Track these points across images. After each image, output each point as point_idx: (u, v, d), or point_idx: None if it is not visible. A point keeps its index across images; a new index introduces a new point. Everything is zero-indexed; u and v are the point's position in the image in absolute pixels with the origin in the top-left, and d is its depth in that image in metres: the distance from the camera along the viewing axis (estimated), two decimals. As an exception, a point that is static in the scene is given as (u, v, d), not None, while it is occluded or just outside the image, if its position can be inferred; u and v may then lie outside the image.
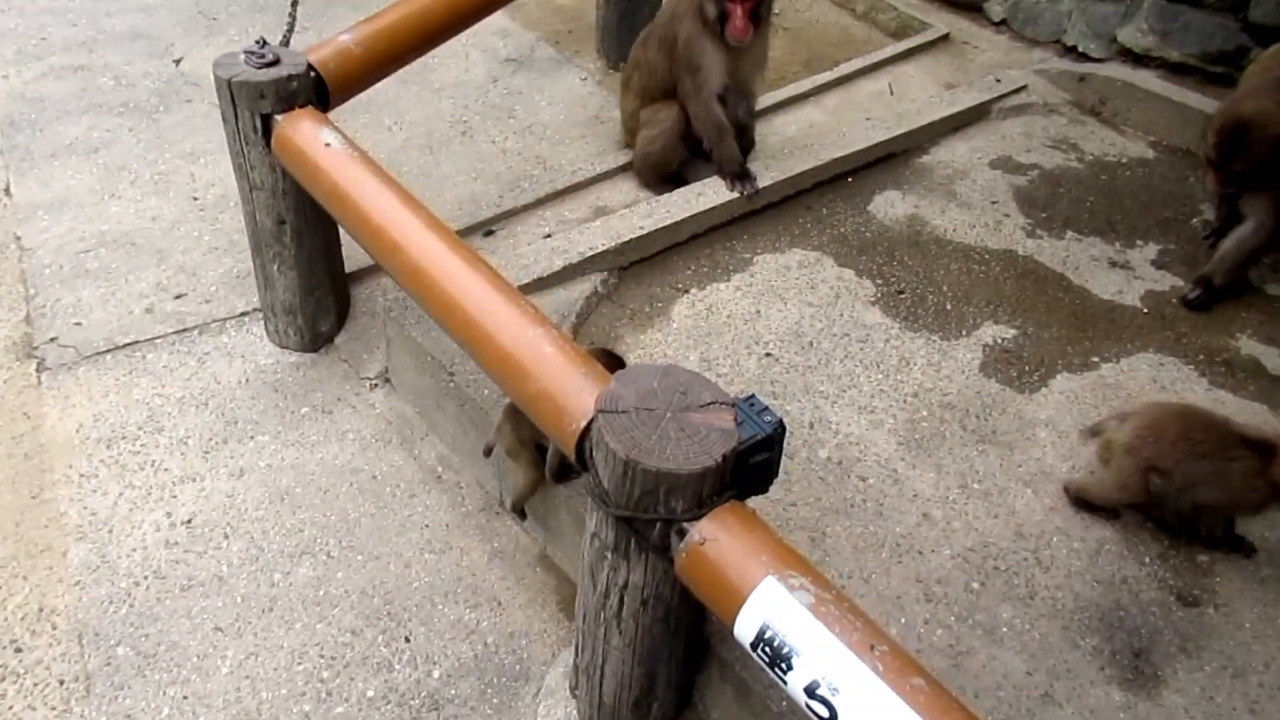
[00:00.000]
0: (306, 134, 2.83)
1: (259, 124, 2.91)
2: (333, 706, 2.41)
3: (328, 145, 2.77)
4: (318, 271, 3.21)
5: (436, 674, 2.49)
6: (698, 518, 1.84)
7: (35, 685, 2.40)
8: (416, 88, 4.86)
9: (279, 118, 2.90)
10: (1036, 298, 3.56)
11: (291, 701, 2.41)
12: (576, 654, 2.31)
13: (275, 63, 2.92)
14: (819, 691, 1.64)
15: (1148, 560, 2.68)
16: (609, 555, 1.99)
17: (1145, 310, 3.56)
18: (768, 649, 1.71)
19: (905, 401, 3.07)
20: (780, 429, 2.04)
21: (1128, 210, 4.12)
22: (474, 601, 2.66)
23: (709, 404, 1.92)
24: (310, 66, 2.98)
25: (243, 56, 2.93)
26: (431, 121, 4.62)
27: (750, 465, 2.00)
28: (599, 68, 5.10)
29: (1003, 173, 4.29)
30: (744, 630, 1.75)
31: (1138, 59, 4.99)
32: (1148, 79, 4.76)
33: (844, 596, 1.75)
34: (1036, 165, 4.36)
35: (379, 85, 3.48)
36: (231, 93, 2.88)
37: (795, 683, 1.68)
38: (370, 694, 2.44)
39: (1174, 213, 4.13)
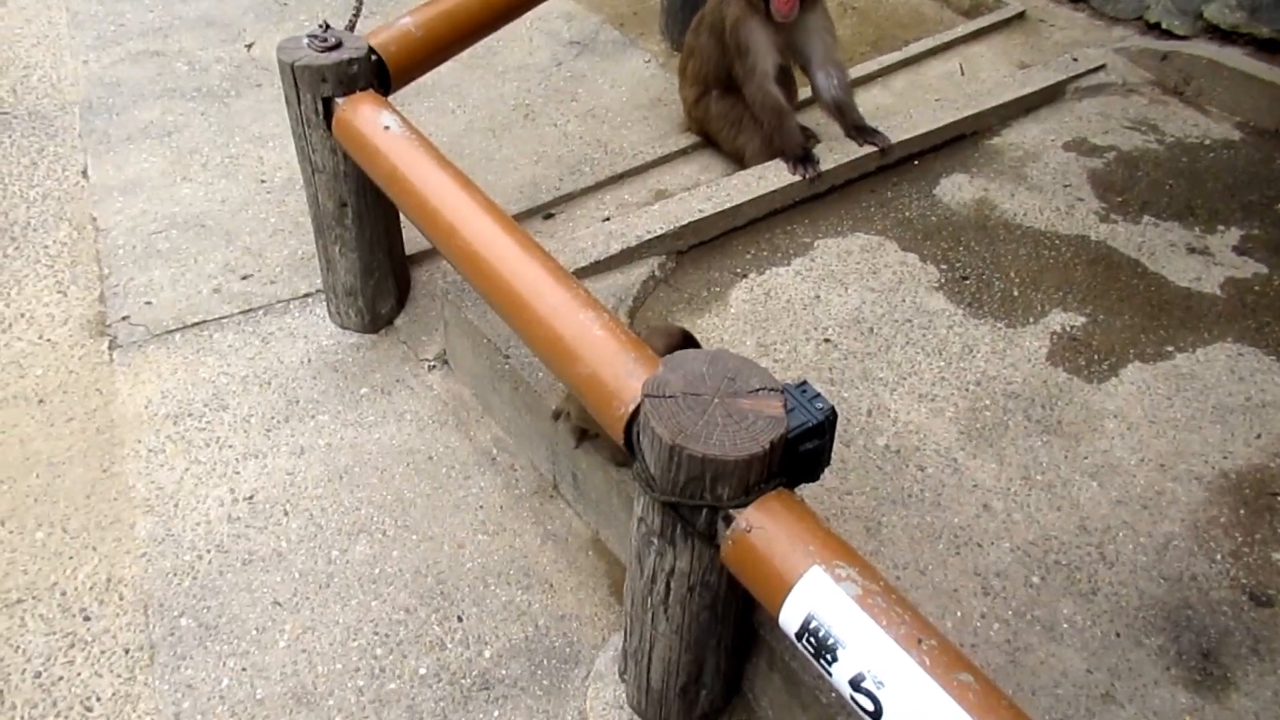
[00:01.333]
0: (366, 117, 2.85)
1: (320, 107, 2.94)
2: (385, 683, 2.44)
3: (386, 129, 2.79)
4: (378, 254, 3.24)
5: (488, 654, 2.51)
6: (744, 505, 1.81)
7: (102, 653, 2.47)
8: (480, 71, 4.88)
9: (340, 101, 2.93)
10: (1109, 284, 3.45)
11: (346, 676, 2.45)
12: (625, 639, 2.30)
13: (337, 46, 2.95)
14: (864, 685, 1.61)
15: (1219, 557, 2.59)
16: (655, 541, 1.98)
17: (1225, 298, 3.43)
18: (813, 640, 1.68)
19: (967, 390, 3.00)
20: (832, 416, 2.00)
21: (1209, 194, 3.96)
22: (526, 584, 2.67)
23: (757, 390, 1.90)
24: (371, 50, 3.00)
25: (305, 40, 2.96)
26: (494, 105, 4.63)
27: (800, 453, 1.97)
28: (662, 50, 5.07)
29: (1077, 155, 4.16)
30: (789, 620, 1.73)
31: (1224, 36, 4.81)
32: (1235, 56, 4.58)
33: (892, 589, 1.71)
34: (1113, 147, 4.22)
35: (443, 69, 3.52)
36: (294, 76, 2.91)
37: (840, 675, 1.65)
38: (422, 671, 2.47)
39: (1259, 196, 3.97)
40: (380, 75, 3.04)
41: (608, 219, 3.65)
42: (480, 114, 4.57)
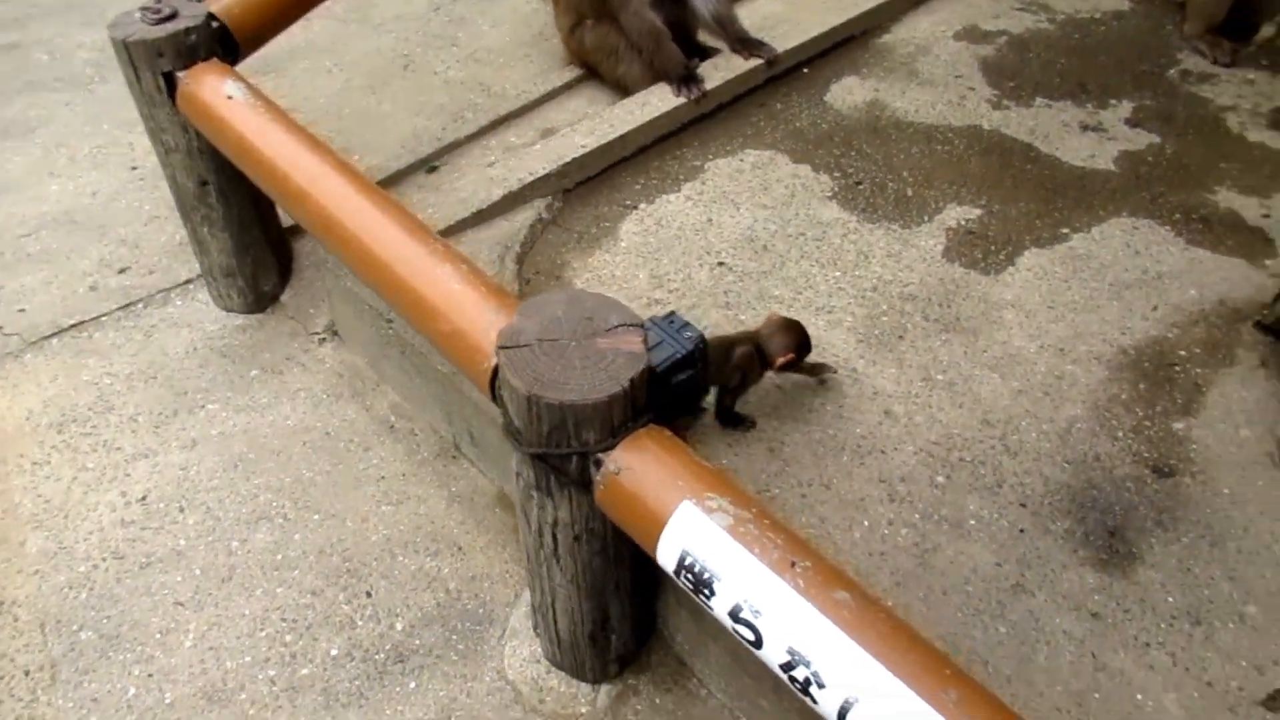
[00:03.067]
0: (210, 89, 2.71)
1: (162, 83, 2.79)
2: (298, 669, 2.39)
3: (230, 98, 2.65)
4: (251, 230, 3.12)
5: (400, 626, 2.46)
6: (611, 447, 1.76)
7: (0, 679, 2.39)
8: (356, 25, 4.70)
9: (182, 75, 2.78)
10: (1003, 173, 3.40)
11: (256, 668, 2.39)
12: (531, 594, 2.26)
13: (173, 16, 2.80)
14: (742, 615, 1.58)
15: (1121, 435, 2.58)
16: (535, 494, 1.93)
17: (1119, 173, 3.40)
18: (690, 575, 1.64)
19: (864, 297, 2.96)
20: (701, 345, 1.95)
21: (1101, 69, 3.92)
22: (434, 549, 2.61)
23: (616, 327, 1.83)
24: (212, 17, 2.85)
25: (138, 13, 2.80)
26: (373, 59, 4.46)
27: (674, 385, 1.91)
28: (541, -18, 4.90)
29: (968, 44, 4.09)
30: (665, 557, 1.69)
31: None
32: (1116, -75, 4.50)
33: (766, 513, 1.67)
34: (1004, 32, 4.16)
35: (316, 26, 3.37)
36: (129, 53, 2.76)
37: (720, 608, 1.62)
38: (334, 653, 2.42)
39: (1150, 66, 3.94)
40: (225, 43, 2.89)
41: (492, 164, 3.53)
42: (359, 70, 4.40)
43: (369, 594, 2.52)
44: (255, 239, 3.13)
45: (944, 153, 3.50)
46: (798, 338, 2.52)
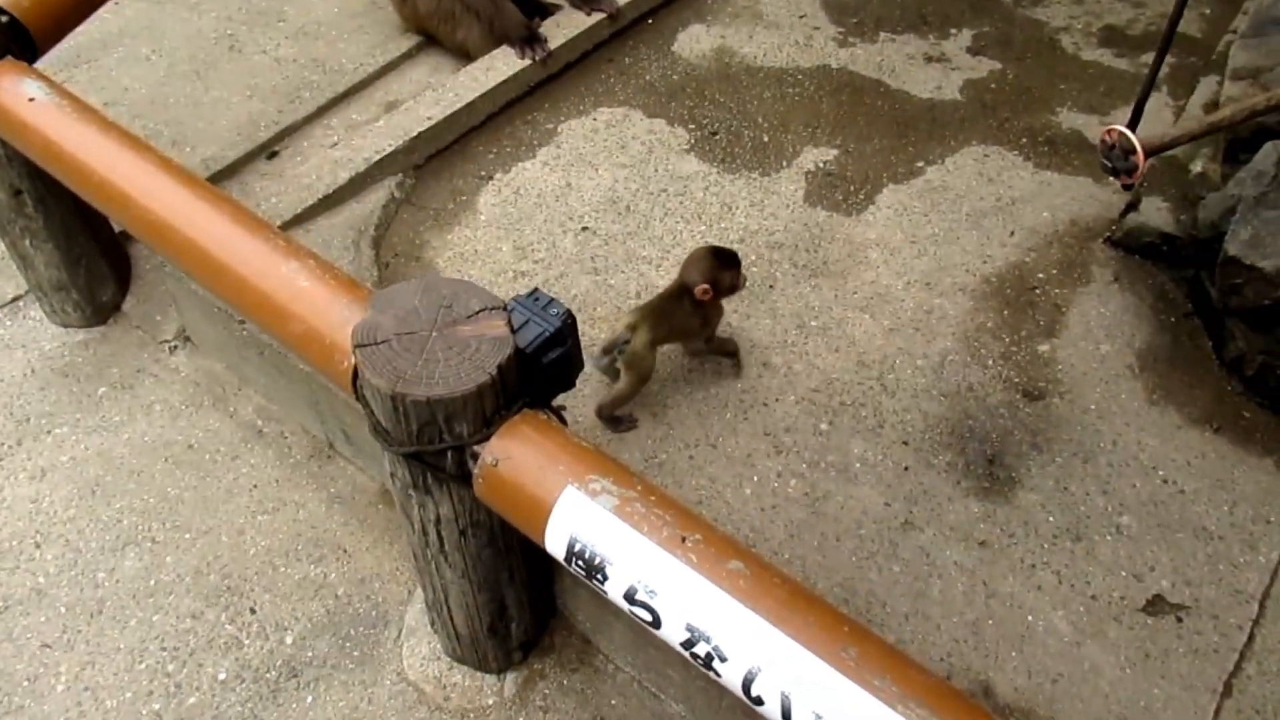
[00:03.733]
0: (6, 92, 2.47)
1: (-47, 88, 2.54)
2: (184, 699, 2.26)
3: (32, 100, 2.43)
4: (78, 238, 2.89)
5: (290, 639, 2.35)
6: (487, 438, 1.69)
7: None
8: (172, 6, 4.39)
9: (-27, 77, 2.53)
10: (855, 111, 3.42)
11: (139, 703, 2.25)
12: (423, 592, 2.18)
13: (-47, 14, 2.54)
14: (638, 597, 1.54)
15: (991, 362, 2.64)
16: (413, 493, 1.84)
17: (965, 101, 3.46)
18: (581, 562, 1.60)
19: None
20: (569, 320, 1.88)
21: (939, -1, 3.96)
22: (318, 555, 2.50)
23: (478, 312, 1.75)
24: (1, 11, 2.60)
25: (-85, 15, 2.53)
26: (194, 42, 4.18)
27: (546, 365, 1.85)
28: (370, -53, 4.67)
29: (809, -18, 4.07)
30: (555, 546, 1.63)
31: None
32: None
33: (651, 488, 1.63)
34: (842, -32, 4.16)
35: (130, 11, 3.12)
36: (-90, 58, 2.50)
37: (614, 591, 1.57)
38: (222, 676, 2.29)
39: (985, -8, 3.99)
40: (20, 38, 2.64)
41: (336, 145, 3.36)
42: (180, 55, 4.12)
43: (253, 610, 2.40)
44: (85, 247, 2.91)
45: (796, 95, 3.49)
46: (712, 264, 2.44)
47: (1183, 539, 2.30)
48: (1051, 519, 2.33)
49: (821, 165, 3.20)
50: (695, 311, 2.47)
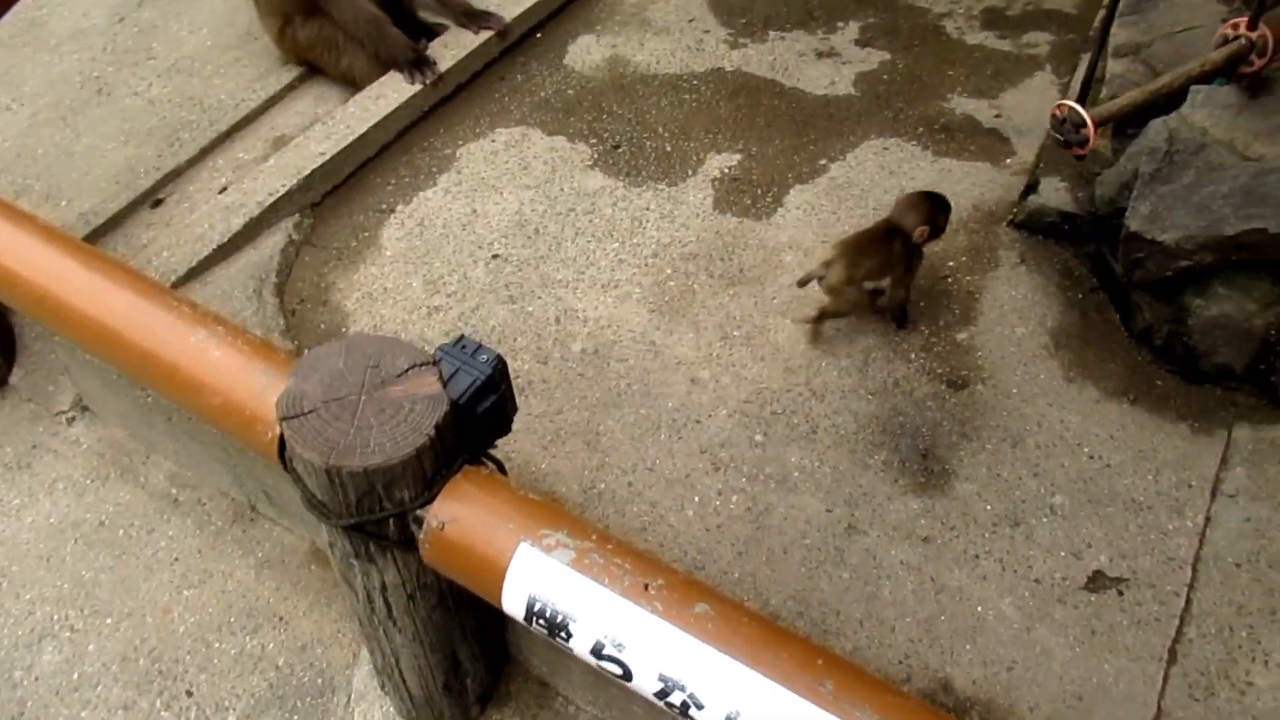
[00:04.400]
0: None
1: None
2: (124, 797, 2.14)
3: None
4: (-47, 313, 2.72)
5: (233, 719, 2.25)
6: (430, 501, 1.63)
7: None
8: (29, 49, 4.16)
9: None
10: (753, 113, 3.42)
11: (75, 808, 2.13)
12: (371, 657, 2.11)
13: None
14: (606, 651, 1.50)
15: (913, 356, 2.67)
16: (355, 562, 1.77)
17: (859, 95, 3.49)
18: (542, 621, 1.55)
19: (647, 265, 2.91)
20: (500, 365, 1.83)
21: (822, -7, 3.99)
22: (252, 626, 2.39)
23: (407, 370, 1.68)
24: None
25: None
26: (58, 87, 3.96)
27: (481, 414, 1.79)
28: (241, -24, 4.49)
29: (693, -15, 4.06)
30: (513, 607, 1.59)
31: None
32: None
33: (608, 537, 1.59)
34: (724, -33, 4.15)
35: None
36: None
37: (580, 648, 1.53)
38: (163, 767, 2.18)
39: (866, -17, 4.03)
40: None
41: (224, 189, 3.22)
42: (44, 101, 3.90)
43: (189, 693, 2.29)
44: (-39, 322, 2.74)
45: (693, 101, 3.48)
46: (929, 207, 2.59)
47: (1114, 512, 2.36)
48: (989, 507, 2.37)
49: (726, 171, 3.20)
50: (904, 254, 2.59)
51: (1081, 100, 2.70)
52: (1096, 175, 2.87)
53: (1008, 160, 3.18)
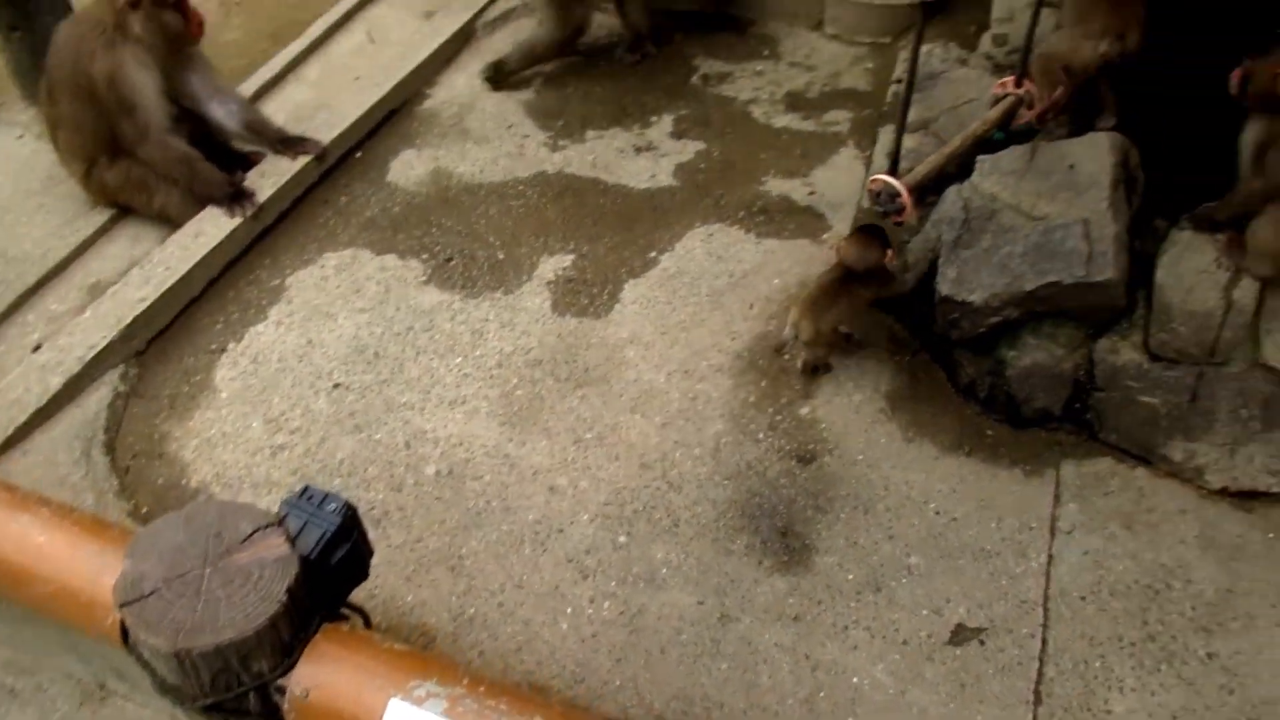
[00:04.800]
0: None
1: None
2: None
3: None
4: None
5: None
6: (291, 668, 1.57)
7: None
8: None
9: None
10: (580, 213, 3.50)
11: None
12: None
13: None
14: (489, 799, 1.47)
15: (761, 436, 2.75)
16: (216, 742, 1.68)
17: (680, 185, 3.61)
18: (421, 777, 1.50)
19: (493, 377, 2.92)
20: (350, 513, 1.79)
21: (633, 90, 4.14)
22: (111, 816, 2.23)
23: (252, 534, 1.63)
24: None
25: None
26: None
27: (334, 566, 1.74)
28: (34, 117, 4.32)
29: (508, 92, 4.15)
30: (389, 767, 1.53)
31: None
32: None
33: (479, 679, 1.56)
34: (537, 73, 4.26)
35: None
36: None
37: (462, 799, 1.49)
38: None
39: (674, 77, 4.21)
40: None
41: (39, 346, 3.06)
42: None
43: None
44: None
45: (520, 207, 3.53)
46: (876, 240, 2.80)
47: (965, 564, 2.48)
48: (850, 576, 2.44)
49: (561, 272, 3.25)
50: (880, 280, 2.86)
51: (892, 172, 2.89)
52: (906, 243, 3.06)
53: (825, 235, 3.34)
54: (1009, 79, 3.03)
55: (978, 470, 2.69)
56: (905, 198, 2.81)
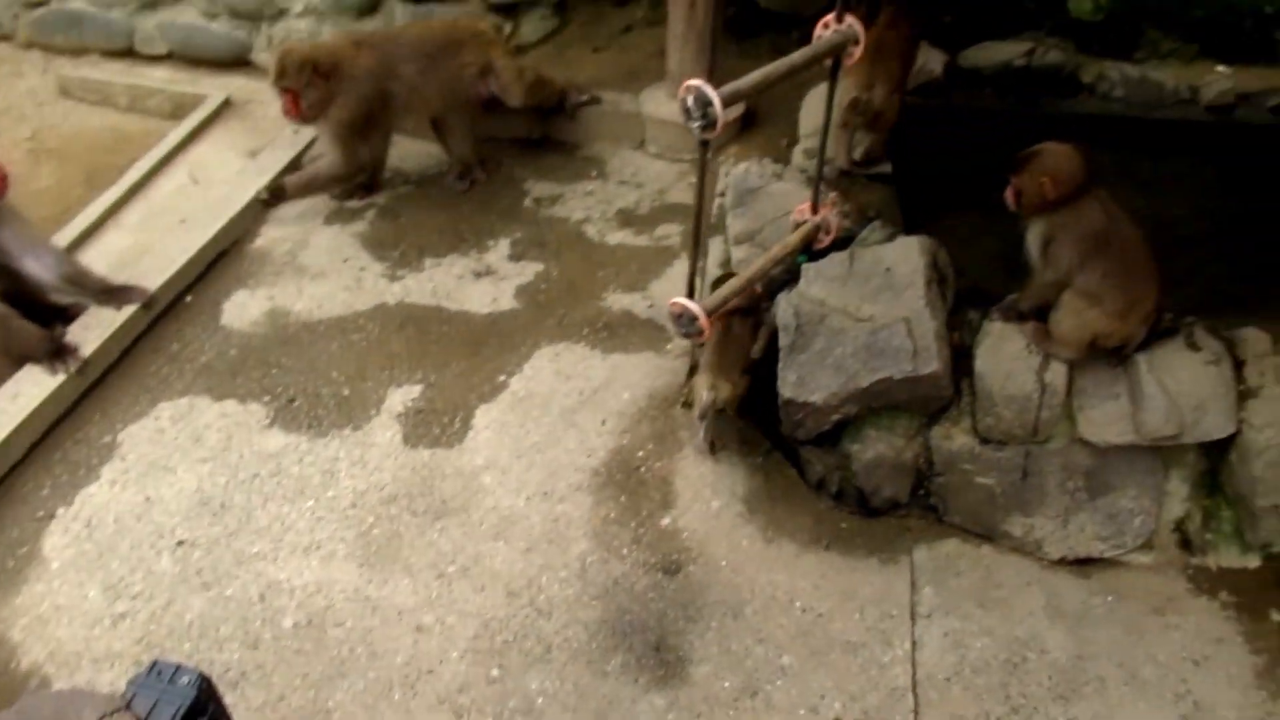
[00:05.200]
0: None
1: None
2: None
3: None
4: None
5: None
6: None
7: None
8: None
9: None
10: (425, 342, 3.49)
11: None
12: None
13: None
14: None
15: (625, 551, 2.76)
16: None
17: (523, 306, 3.66)
18: None
19: (347, 517, 2.84)
20: (204, 684, 1.70)
21: (469, 215, 4.19)
22: None
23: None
24: None
25: None
26: None
27: (194, 740, 1.65)
28: None
29: (341, 225, 4.13)
30: None
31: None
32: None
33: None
34: (370, 204, 4.27)
35: None
36: None
37: None
38: None
39: (507, 200, 4.29)
40: None
41: None
42: None
43: None
44: None
45: (362, 341, 3.50)
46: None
47: (836, 658, 2.53)
48: (726, 684, 2.46)
49: (410, 404, 3.22)
50: (753, 313, 3.08)
51: (690, 294, 2.95)
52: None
53: (668, 346, 3.44)
54: (806, 205, 3.18)
55: (837, 563, 2.77)
56: (703, 320, 2.83)
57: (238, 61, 5.30)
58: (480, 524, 2.82)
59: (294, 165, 4.44)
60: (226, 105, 5.07)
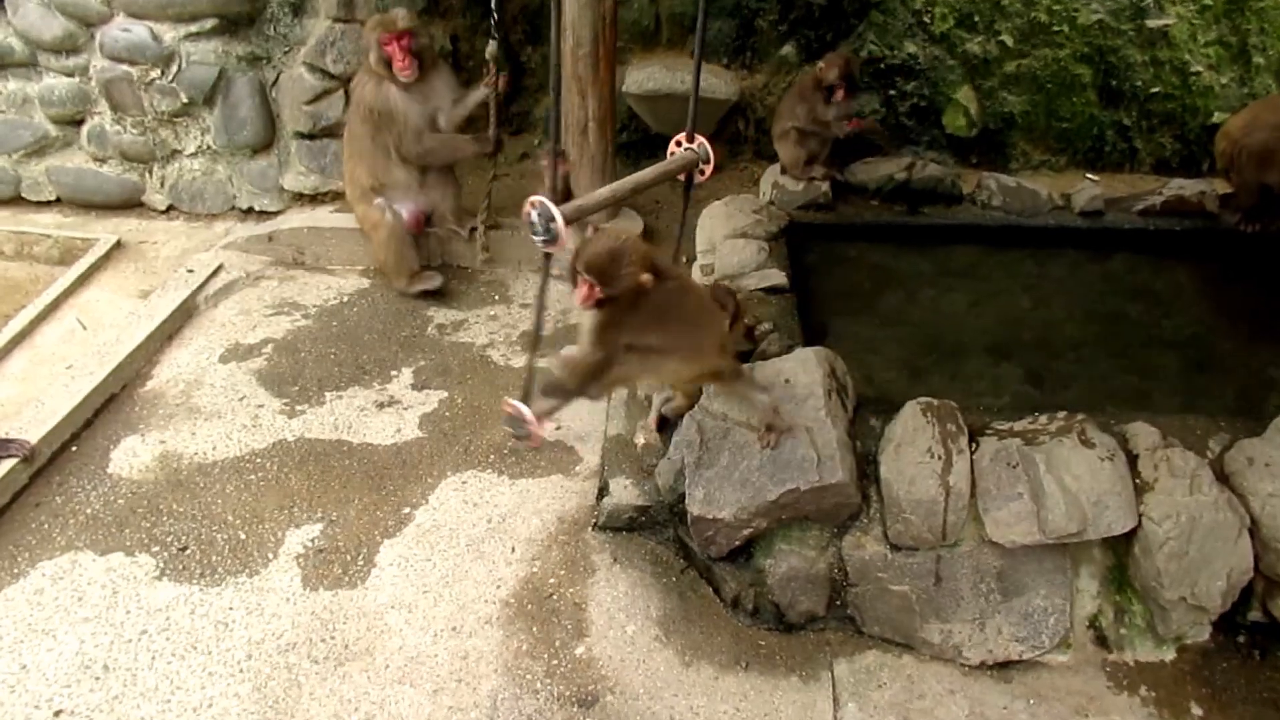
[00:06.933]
0: None
1: None
2: None
3: None
4: None
5: None
6: None
7: None
8: None
9: None
10: (326, 478, 3.38)
11: None
12: None
13: None
14: None
15: (539, 685, 2.66)
16: None
17: (426, 436, 3.59)
18: None
19: (242, 670, 2.68)
20: None
21: (371, 346, 4.14)
22: None
23: None
24: None
25: None
26: None
27: None
28: None
29: (237, 363, 4.04)
30: None
31: (312, 199, 5.08)
32: (326, 216, 4.87)
33: None
34: (268, 340, 4.19)
35: None
36: None
37: None
38: None
39: (410, 329, 4.26)
40: None
41: None
42: None
43: None
44: None
45: (260, 481, 3.37)
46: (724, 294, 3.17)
47: (762, 784, 2.44)
48: (650, 822, 2.34)
49: (310, 544, 3.10)
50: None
51: (524, 398, 2.86)
52: (654, 467, 3.15)
53: (577, 468, 3.39)
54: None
55: (757, 684, 2.71)
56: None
57: (129, 204, 5.24)
58: (385, 667, 2.69)
59: (189, 303, 4.36)
60: (118, 247, 4.98)
